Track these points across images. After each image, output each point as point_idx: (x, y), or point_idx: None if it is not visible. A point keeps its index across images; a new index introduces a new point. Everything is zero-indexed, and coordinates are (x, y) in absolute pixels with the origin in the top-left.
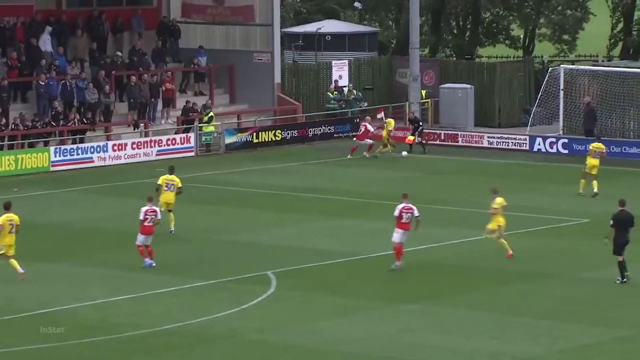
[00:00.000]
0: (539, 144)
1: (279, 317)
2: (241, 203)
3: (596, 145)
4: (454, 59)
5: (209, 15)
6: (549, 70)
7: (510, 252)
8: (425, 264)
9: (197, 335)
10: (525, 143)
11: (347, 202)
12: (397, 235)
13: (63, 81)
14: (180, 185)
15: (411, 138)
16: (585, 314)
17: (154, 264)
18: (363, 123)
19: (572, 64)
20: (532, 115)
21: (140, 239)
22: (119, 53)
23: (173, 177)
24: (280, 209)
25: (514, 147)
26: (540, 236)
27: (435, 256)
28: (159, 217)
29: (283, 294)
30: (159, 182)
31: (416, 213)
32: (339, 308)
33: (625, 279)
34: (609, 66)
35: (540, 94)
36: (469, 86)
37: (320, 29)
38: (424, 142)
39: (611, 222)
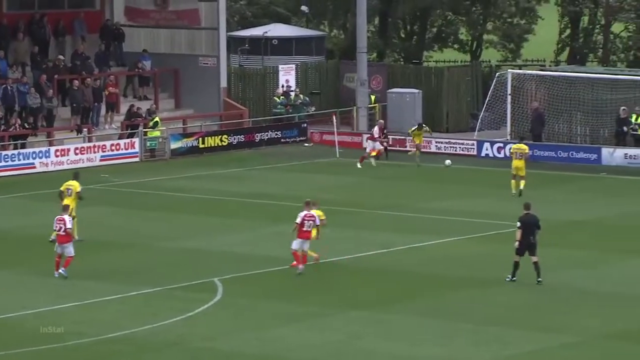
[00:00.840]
0: (487, 149)
1: (226, 324)
2: (187, 209)
3: (517, 147)
4: (402, 63)
5: (152, 20)
6: (497, 75)
7: (299, 263)
8: (373, 271)
9: (143, 344)
10: (473, 148)
11: (295, 208)
12: (296, 243)
13: (4, 85)
14: (78, 190)
15: (381, 147)
16: (531, 320)
17: (63, 274)
18: (375, 128)
19: (520, 69)
20: (479, 120)
21: (56, 247)
22: (61, 57)
23: (72, 182)
24: (227, 215)
25: (461, 152)
26: (488, 242)
27: (384, 262)
28: (69, 225)
29: (230, 301)
30: (62, 188)
31: (317, 222)
32: (287, 315)
33: (515, 278)
34: (556, 71)
35: (487, 98)
36: (416, 91)
37: (266, 33)
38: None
39: (518, 224)
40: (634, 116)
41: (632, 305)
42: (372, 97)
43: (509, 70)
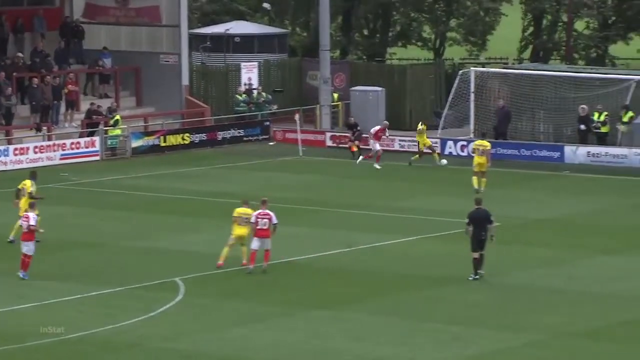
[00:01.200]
0: (450, 147)
1: (188, 324)
2: (148, 208)
3: (479, 143)
4: (365, 61)
5: (112, 17)
6: (460, 73)
7: (245, 261)
8: (335, 270)
9: (103, 344)
10: (437, 146)
11: (257, 207)
12: (255, 243)
13: None
14: (30, 189)
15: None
16: (495, 319)
17: (22, 276)
18: (380, 127)
19: (483, 67)
20: (443, 118)
21: (22, 246)
22: (20, 54)
23: (26, 181)
24: (189, 214)
25: (425, 150)
26: (451, 240)
27: (347, 261)
28: (32, 222)
29: (191, 301)
30: (19, 186)
31: (274, 220)
32: (249, 315)
33: (478, 277)
34: (519, 69)
35: (451, 96)
36: (380, 89)
37: (228, 30)
38: (361, 147)
39: (467, 220)
40: (597, 114)
41: (596, 303)
42: (335, 95)
43: (472, 68)
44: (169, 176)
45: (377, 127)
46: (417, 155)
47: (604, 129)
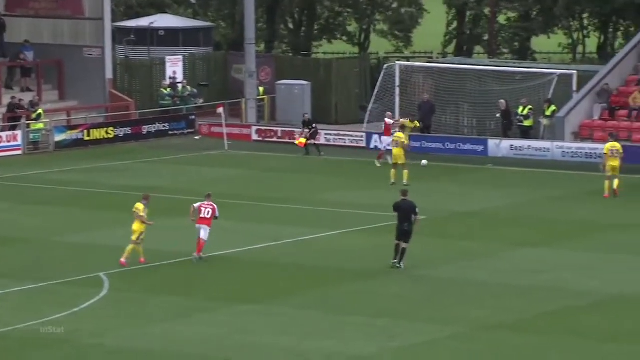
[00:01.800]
0: (376, 141)
1: (113, 319)
2: (72, 203)
3: (397, 136)
4: (291, 55)
5: (31, 9)
6: (385, 67)
7: (142, 259)
8: (262, 264)
9: (27, 340)
10: (362, 140)
11: (183, 201)
12: (200, 231)
13: None
14: None
15: (302, 140)
16: (420, 311)
17: None
18: (384, 119)
19: (408, 61)
20: (368, 112)
21: None
22: None
23: None
24: (114, 209)
25: (351, 144)
26: (378, 234)
27: (273, 255)
28: None
29: (117, 296)
30: None
31: (217, 213)
32: (175, 309)
33: (400, 265)
34: (443, 63)
35: (376, 90)
36: (305, 82)
37: (152, 23)
38: (317, 143)
39: (393, 209)
40: (520, 108)
41: (519, 296)
42: (261, 89)
43: (397, 62)
44: (93, 170)
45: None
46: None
47: (527, 123)
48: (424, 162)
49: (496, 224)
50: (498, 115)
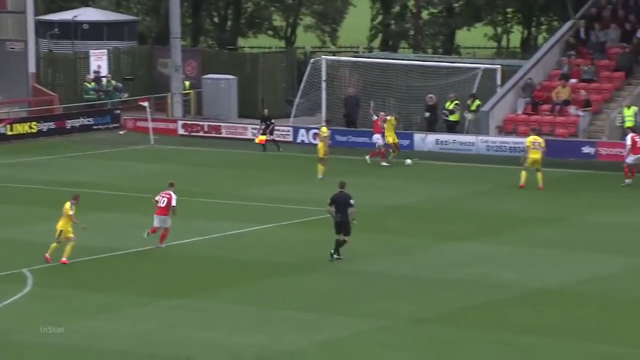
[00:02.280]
0: (302, 135)
1: (37, 315)
2: None
3: (322, 130)
4: (217, 49)
5: None
6: (311, 61)
7: (64, 259)
8: (190, 258)
9: None
10: (289, 134)
11: (107, 195)
12: (155, 221)
13: None
14: None
15: (262, 137)
16: (348, 305)
17: None
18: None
19: (334, 55)
20: (295, 106)
21: None
22: None
23: None
24: (37, 204)
25: (277, 138)
26: (305, 228)
27: (200, 250)
28: None
29: (41, 292)
30: None
31: (174, 202)
32: (100, 305)
33: (339, 257)
34: (369, 57)
35: (302, 85)
36: (232, 77)
37: (76, 17)
38: (276, 139)
39: (329, 201)
40: (448, 102)
41: (446, 289)
42: (187, 83)
43: (323, 56)
44: (16, 165)
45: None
46: (392, 152)
47: (453, 117)
48: (408, 161)
49: (423, 218)
50: (427, 114)
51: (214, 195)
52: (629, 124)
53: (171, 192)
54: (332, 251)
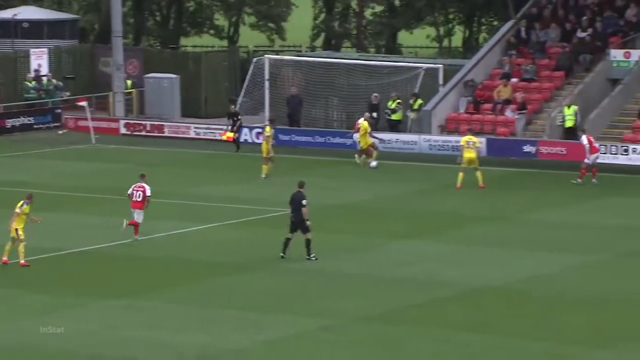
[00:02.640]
0: (246, 135)
1: None
2: None
3: (266, 130)
4: (159, 48)
5: None
6: (254, 61)
7: (22, 261)
8: (132, 258)
9: None
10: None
11: (50, 195)
12: (135, 215)
13: None
14: None
15: (230, 135)
16: (292, 304)
17: None
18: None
19: (277, 54)
20: (238, 105)
21: None
22: None
23: None
24: None
25: (221, 137)
26: (248, 227)
27: (144, 250)
28: None
29: None
30: None
31: (148, 192)
32: (41, 306)
33: (284, 256)
34: (312, 57)
35: (245, 84)
36: (174, 76)
37: (16, 15)
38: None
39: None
40: (390, 101)
41: (389, 288)
42: (129, 82)
43: (266, 55)
44: None
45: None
46: (364, 156)
47: (395, 117)
48: (374, 163)
49: (366, 217)
50: (374, 114)
51: (157, 194)
52: (569, 123)
53: (144, 184)
54: (282, 254)
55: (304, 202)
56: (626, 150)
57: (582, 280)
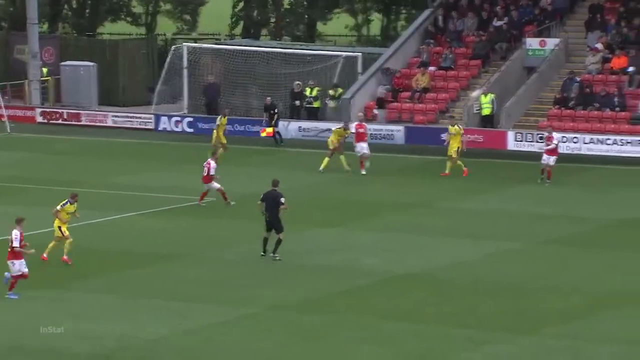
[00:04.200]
0: (165, 123)
1: None
2: None
3: (222, 121)
4: (75, 35)
5: None
6: (173, 49)
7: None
8: (51, 249)
9: None
10: (151, 122)
11: None
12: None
13: None
14: None
15: (270, 130)
16: (214, 294)
17: None
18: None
19: (196, 42)
20: (156, 93)
21: None
22: None
23: None
24: None
25: (139, 126)
26: (168, 216)
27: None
28: None
29: None
30: None
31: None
32: None
33: (265, 254)
34: (231, 45)
35: (164, 72)
36: (91, 64)
37: None
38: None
39: (261, 197)
40: (308, 90)
41: (313, 276)
42: (45, 70)
43: (184, 43)
44: None
45: (355, 124)
46: (327, 159)
47: (315, 104)
48: (348, 168)
49: (290, 205)
50: (297, 102)
51: (74, 183)
52: (486, 111)
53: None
54: (263, 253)
55: (282, 199)
56: (541, 138)
57: (503, 267)
